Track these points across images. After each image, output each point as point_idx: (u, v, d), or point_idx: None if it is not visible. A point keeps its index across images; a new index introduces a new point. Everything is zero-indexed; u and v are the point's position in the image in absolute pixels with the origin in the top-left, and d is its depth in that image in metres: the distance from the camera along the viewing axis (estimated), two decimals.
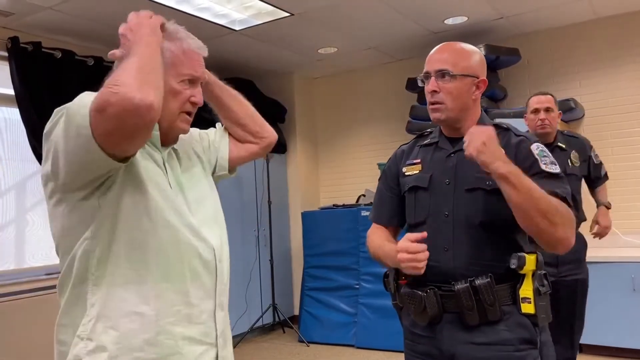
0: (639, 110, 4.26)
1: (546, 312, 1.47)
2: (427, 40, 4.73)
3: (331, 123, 5.77)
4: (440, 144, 1.61)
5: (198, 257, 1.21)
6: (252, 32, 4.28)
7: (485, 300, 1.44)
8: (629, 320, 3.75)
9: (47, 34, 4.02)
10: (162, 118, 1.20)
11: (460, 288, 1.46)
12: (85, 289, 1.13)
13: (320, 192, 5.85)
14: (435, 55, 1.58)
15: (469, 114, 1.57)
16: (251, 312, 4.96)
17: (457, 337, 1.49)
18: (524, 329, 1.47)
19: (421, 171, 1.60)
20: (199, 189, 1.32)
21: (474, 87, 1.55)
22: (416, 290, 1.53)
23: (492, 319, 1.45)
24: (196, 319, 1.19)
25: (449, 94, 1.52)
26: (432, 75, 1.54)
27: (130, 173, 1.14)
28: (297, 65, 5.33)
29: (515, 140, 1.53)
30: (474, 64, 1.55)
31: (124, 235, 1.13)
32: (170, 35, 1.21)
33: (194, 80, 1.24)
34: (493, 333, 1.46)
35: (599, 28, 4.41)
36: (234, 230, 4.88)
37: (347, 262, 4.73)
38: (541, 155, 1.49)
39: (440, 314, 1.50)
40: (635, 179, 4.25)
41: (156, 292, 1.13)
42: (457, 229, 1.51)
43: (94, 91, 1.06)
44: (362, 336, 4.53)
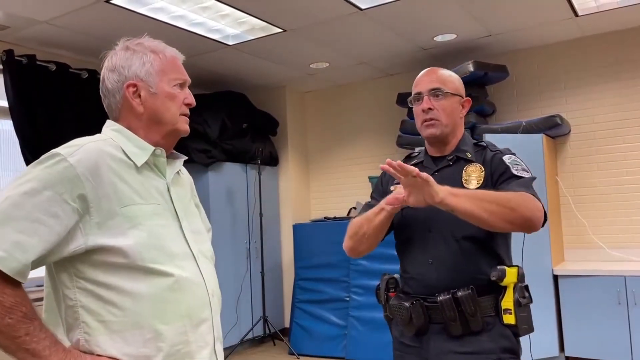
0: (624, 126, 4.35)
1: (527, 322, 1.54)
2: (417, 56, 4.81)
3: (322, 136, 5.82)
4: (425, 164, 1.73)
5: (194, 293, 1.20)
6: (246, 47, 4.34)
7: (467, 311, 1.51)
8: (614, 333, 3.80)
9: (42, 47, 4.05)
10: (166, 122, 1.25)
11: (442, 300, 1.53)
12: (77, 336, 1.12)
13: (312, 205, 5.89)
14: (425, 77, 1.72)
15: (457, 132, 1.71)
16: (242, 325, 4.97)
17: (442, 347, 1.56)
18: (505, 339, 1.54)
19: None
20: (196, 221, 1.33)
21: (461, 106, 1.72)
22: (403, 302, 1.61)
23: (475, 329, 1.53)
24: (197, 354, 1.19)
25: (443, 110, 1.66)
26: (425, 95, 1.68)
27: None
28: (289, 79, 5.40)
29: (490, 154, 1.65)
30: (459, 86, 1.72)
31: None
32: (153, 49, 1.27)
33: (183, 84, 1.30)
34: (476, 343, 1.53)
35: (585, 46, 4.52)
36: (225, 242, 4.90)
37: (337, 275, 4.76)
38: (513, 164, 1.60)
39: (427, 325, 1.58)
40: (620, 194, 4.33)
41: (153, 335, 1.12)
42: (440, 244, 1.60)
43: (89, 105, 1.09)
44: (353, 348, 4.54)
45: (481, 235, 1.56)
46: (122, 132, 1.23)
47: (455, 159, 1.68)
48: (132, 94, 1.23)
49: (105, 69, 1.27)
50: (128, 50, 1.26)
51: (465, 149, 1.69)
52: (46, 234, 1.05)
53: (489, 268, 1.56)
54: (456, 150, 1.70)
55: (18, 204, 1.04)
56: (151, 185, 1.21)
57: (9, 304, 1.01)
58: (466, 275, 1.56)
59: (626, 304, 3.77)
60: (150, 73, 1.24)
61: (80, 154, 1.11)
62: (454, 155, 1.69)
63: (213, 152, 4.83)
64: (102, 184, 1.12)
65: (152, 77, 1.24)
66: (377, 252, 4.96)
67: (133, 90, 1.23)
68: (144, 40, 1.28)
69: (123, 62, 1.24)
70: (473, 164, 1.64)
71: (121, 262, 1.10)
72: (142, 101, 1.23)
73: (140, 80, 1.23)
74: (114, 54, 1.27)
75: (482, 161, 1.63)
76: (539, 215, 1.48)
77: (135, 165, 1.19)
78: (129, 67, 1.24)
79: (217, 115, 4.88)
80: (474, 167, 1.63)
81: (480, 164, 1.62)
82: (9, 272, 1.01)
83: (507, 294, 1.53)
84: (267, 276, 5.24)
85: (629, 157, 4.32)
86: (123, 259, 1.10)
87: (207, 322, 1.22)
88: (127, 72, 1.24)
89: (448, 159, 1.69)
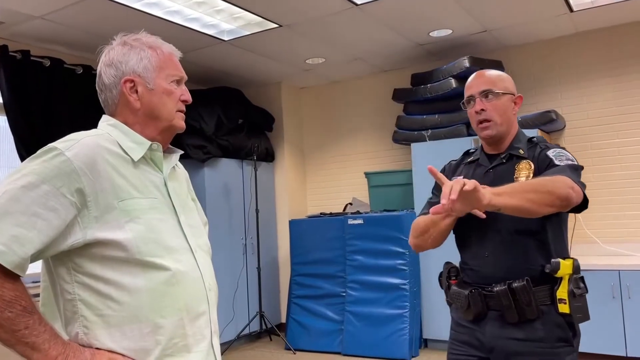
0: (618, 122, 4.37)
1: (582, 311, 1.61)
2: (413, 52, 4.82)
3: (318, 132, 5.83)
4: (480, 161, 1.81)
5: (192, 287, 1.21)
6: (241, 42, 4.33)
7: (522, 301, 1.60)
8: (609, 327, 3.83)
9: (37, 43, 4.04)
10: (163, 118, 1.26)
11: (499, 290, 1.63)
12: (75, 330, 1.12)
13: (308, 201, 5.90)
14: (474, 81, 1.77)
15: (511, 130, 1.77)
16: (238, 320, 4.98)
17: (498, 332, 1.65)
18: (559, 328, 1.62)
19: None
20: (193, 215, 1.33)
21: (513, 104, 1.77)
22: (462, 290, 1.71)
23: (530, 317, 1.61)
24: (195, 348, 1.20)
25: (495, 110, 1.72)
26: (477, 97, 1.74)
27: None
28: (285, 75, 5.39)
29: (539, 150, 1.72)
30: (509, 84, 1.77)
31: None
32: (150, 44, 1.27)
33: (180, 81, 1.30)
34: (531, 330, 1.62)
35: (580, 42, 4.53)
36: (222, 238, 4.90)
37: (334, 270, 4.77)
38: (557, 156, 1.66)
39: (485, 311, 1.67)
40: (615, 189, 4.35)
41: (152, 328, 1.13)
42: (495, 238, 1.68)
43: (84, 101, 1.09)
44: (349, 343, 4.56)
45: (534, 228, 1.64)
46: (118, 127, 1.23)
47: (508, 156, 1.75)
48: (129, 90, 1.23)
49: (102, 63, 1.26)
50: (125, 45, 1.26)
51: (519, 146, 1.75)
52: (44, 227, 1.05)
53: (543, 260, 1.63)
54: (509, 148, 1.76)
55: (16, 198, 1.04)
56: (148, 179, 1.21)
57: (8, 298, 1.01)
58: (520, 267, 1.64)
59: (620, 297, 3.80)
60: (147, 69, 1.24)
61: (77, 148, 1.11)
62: (507, 153, 1.75)
63: (209, 148, 4.83)
64: (100, 178, 1.12)
65: (149, 73, 1.24)
66: (373, 248, 4.99)
67: (130, 85, 1.23)
68: (142, 35, 1.29)
69: (120, 57, 1.24)
70: (524, 161, 1.71)
71: (119, 255, 1.11)
72: (139, 97, 1.24)
73: (137, 75, 1.23)
74: (111, 48, 1.27)
75: (532, 157, 1.70)
76: (571, 192, 1.50)
77: (132, 159, 1.20)
78: (127, 63, 1.24)
79: (213, 111, 4.88)
80: (525, 163, 1.70)
81: (531, 160, 1.70)
82: (8, 266, 1.01)
83: (562, 285, 1.61)
84: (263, 272, 5.25)
85: (622, 152, 4.35)
86: (121, 252, 1.11)
87: (204, 315, 1.23)
88: (125, 67, 1.24)
89: (502, 157, 1.75)
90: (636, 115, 4.31)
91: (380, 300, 4.49)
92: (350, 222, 4.69)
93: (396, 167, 5.23)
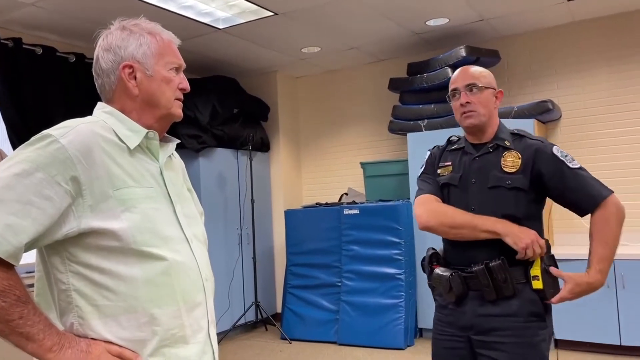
0: (614, 112, 4.37)
1: (553, 287, 1.75)
2: (409, 41, 4.78)
3: (314, 122, 5.80)
4: (466, 149, 1.92)
5: (189, 277, 1.19)
6: (236, 30, 4.29)
7: (499, 279, 1.73)
8: (603, 316, 3.85)
9: (28, 31, 3.98)
10: (161, 105, 1.23)
11: (477, 269, 1.75)
12: (70, 320, 1.11)
13: (303, 191, 5.88)
14: (460, 75, 1.91)
15: (492, 122, 1.89)
16: (234, 310, 4.98)
17: (478, 310, 1.78)
18: (533, 304, 1.75)
19: (452, 172, 1.90)
20: (189, 205, 1.32)
21: (494, 98, 1.90)
22: (443, 273, 1.82)
23: (507, 294, 1.74)
24: (192, 338, 1.19)
25: (479, 102, 1.84)
26: (462, 90, 1.87)
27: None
28: (280, 64, 5.35)
29: (532, 145, 1.82)
30: (491, 80, 1.91)
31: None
32: (150, 30, 1.25)
33: (179, 68, 1.28)
34: (507, 307, 1.75)
35: (577, 31, 4.51)
36: (217, 228, 4.89)
37: (329, 260, 4.77)
38: (563, 156, 1.79)
39: (466, 292, 1.79)
40: (611, 179, 4.33)
41: (148, 319, 1.12)
42: None
43: (77, 89, 1.06)
44: (344, 333, 4.57)
45: (520, 214, 1.77)
46: (114, 115, 1.21)
47: (495, 146, 1.86)
48: (128, 76, 1.21)
49: (100, 48, 1.23)
50: (125, 30, 1.23)
51: (504, 137, 1.86)
52: (39, 216, 1.03)
53: None
54: (495, 139, 1.87)
55: (9, 186, 1.02)
56: (144, 168, 1.19)
57: (2, 287, 0.99)
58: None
59: (615, 287, 3.82)
60: (147, 55, 1.22)
61: (72, 135, 1.09)
62: (494, 142, 1.86)
63: (204, 138, 4.80)
64: (95, 166, 1.09)
65: (148, 59, 1.22)
66: (369, 238, 4.99)
67: (129, 71, 1.21)
68: (141, 21, 1.26)
69: (119, 42, 1.22)
70: (511, 151, 1.82)
71: (114, 245, 1.09)
72: (137, 83, 1.21)
73: (136, 61, 1.21)
74: (109, 33, 1.24)
75: (522, 150, 1.81)
76: (622, 207, 1.78)
77: (128, 147, 1.17)
78: (126, 48, 1.21)
79: (208, 100, 4.84)
80: (512, 153, 1.82)
81: (518, 151, 1.81)
82: (2, 255, 0.99)
83: (536, 263, 1.74)
84: (258, 262, 5.24)
85: (618, 142, 4.35)
86: (116, 242, 1.09)
87: (201, 306, 1.22)
88: (124, 52, 1.21)
89: (489, 146, 1.86)
90: (633, 105, 4.31)
91: (376, 290, 4.49)
92: (346, 212, 4.69)
93: (392, 157, 5.22)
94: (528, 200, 1.78)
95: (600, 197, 1.75)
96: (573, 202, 1.79)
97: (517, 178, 1.77)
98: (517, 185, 1.76)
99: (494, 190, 1.79)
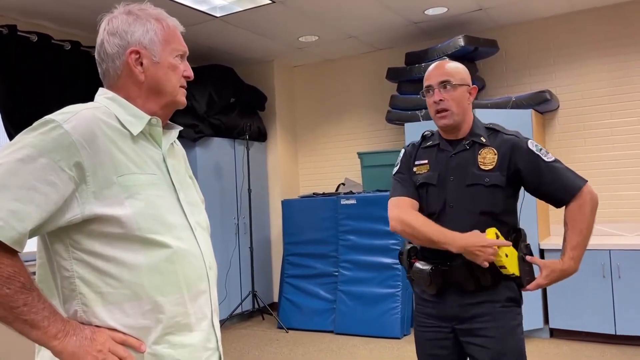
0: (612, 102, 4.37)
1: (529, 274, 1.80)
2: (407, 30, 4.76)
3: (311, 111, 5.78)
4: (442, 146, 1.91)
5: (192, 265, 1.19)
6: (233, 19, 4.25)
7: (477, 272, 1.76)
8: (599, 305, 3.88)
9: (23, 17, 3.94)
10: (167, 93, 1.22)
11: (456, 264, 1.78)
12: (74, 307, 1.10)
13: (300, 181, 5.88)
14: (434, 71, 1.90)
15: (467, 118, 1.89)
16: (231, 299, 4.99)
17: (458, 300, 1.82)
18: (509, 290, 1.81)
19: (429, 170, 1.89)
20: (192, 192, 1.31)
21: (468, 95, 1.89)
22: (423, 267, 1.83)
23: (485, 284, 1.79)
24: (196, 326, 1.18)
25: (453, 100, 1.84)
26: (436, 87, 1.86)
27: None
28: (277, 53, 5.32)
29: (505, 138, 1.84)
30: (465, 76, 1.89)
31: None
32: (156, 16, 1.24)
33: (183, 55, 1.27)
34: (485, 295, 1.80)
35: (575, 21, 4.50)
36: (214, 218, 4.88)
37: (326, 250, 4.78)
38: (538, 150, 1.82)
39: (445, 285, 1.82)
40: (608, 169, 4.37)
41: (152, 306, 1.11)
42: (459, 217, 1.81)
43: (73, 78, 1.04)
44: (341, 322, 4.59)
45: (497, 210, 1.80)
46: (116, 100, 1.19)
47: (471, 143, 1.86)
48: (135, 61, 1.19)
49: (105, 32, 1.21)
50: (130, 14, 1.21)
51: (479, 133, 1.87)
52: (43, 202, 1.01)
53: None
54: (471, 135, 1.87)
55: (13, 172, 1.00)
56: (147, 155, 1.18)
57: (6, 274, 0.98)
58: None
59: (610, 277, 3.84)
60: (153, 41, 1.20)
61: (76, 120, 1.07)
62: (470, 139, 1.86)
63: (201, 127, 4.77)
64: (99, 151, 1.08)
65: (155, 45, 1.20)
66: (366, 228, 4.99)
67: (136, 57, 1.19)
68: (147, 6, 1.24)
69: (126, 26, 1.20)
70: (487, 148, 1.84)
71: (118, 232, 1.08)
72: (144, 69, 1.19)
73: (143, 47, 1.19)
74: (114, 17, 1.22)
75: (498, 145, 1.83)
76: (595, 196, 1.83)
77: (131, 134, 1.16)
78: (132, 33, 1.19)
79: (205, 89, 4.81)
80: (488, 150, 1.83)
81: (494, 147, 1.82)
82: (6, 242, 0.98)
83: (498, 255, 1.75)
84: (255, 251, 5.25)
85: (615, 133, 4.35)
86: (120, 229, 1.08)
87: (205, 294, 1.21)
88: (130, 37, 1.19)
89: (465, 143, 1.86)
90: (630, 96, 4.30)
91: (373, 280, 4.51)
92: (343, 202, 4.69)
93: (389, 147, 5.20)
94: (505, 196, 1.81)
95: (576, 188, 1.79)
96: (549, 194, 1.83)
97: (494, 175, 1.79)
98: (495, 182, 1.78)
99: (471, 187, 1.80)
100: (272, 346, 4.40)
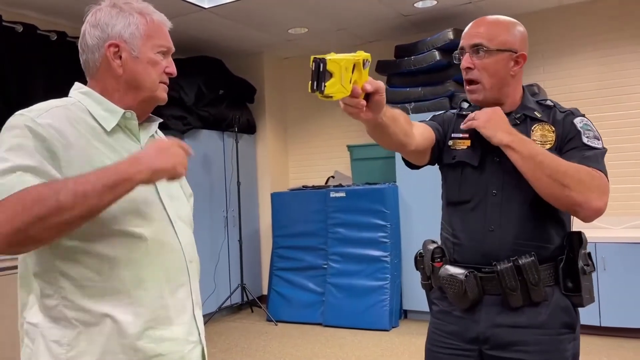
0: (600, 96, 4.40)
1: (590, 292, 1.44)
2: (397, 22, 4.75)
3: (301, 104, 5.76)
4: None
5: (172, 258, 1.19)
6: (222, 10, 4.21)
7: (530, 280, 1.38)
8: (595, 299, 3.91)
9: (8, 7, 3.87)
10: (145, 88, 1.21)
11: (503, 268, 1.40)
12: (54, 302, 1.09)
13: (290, 174, 5.87)
14: (470, 29, 1.50)
15: (509, 92, 1.49)
16: (220, 292, 4.98)
17: (495, 319, 1.43)
18: (565, 312, 1.43)
19: (470, 147, 1.51)
20: (174, 185, 1.29)
21: (513, 63, 1.47)
22: (455, 275, 1.45)
23: (536, 300, 1.40)
24: (177, 319, 1.18)
25: (484, 70, 1.45)
26: (467, 51, 1.48)
27: None
28: (266, 45, 5.29)
29: (561, 115, 1.49)
30: (511, 38, 1.47)
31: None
32: (140, 10, 1.23)
33: (167, 52, 1.26)
34: (533, 315, 1.41)
35: (563, 15, 4.51)
36: (203, 211, 4.86)
37: (315, 243, 4.78)
38: (585, 129, 1.45)
39: (481, 297, 1.44)
40: None
41: (131, 300, 1.11)
42: (505, 208, 1.45)
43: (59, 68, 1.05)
44: (330, 315, 4.61)
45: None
46: (90, 95, 1.19)
47: (522, 117, 1.49)
48: (113, 55, 1.18)
49: (88, 23, 1.21)
50: (115, 7, 1.21)
51: (532, 107, 1.51)
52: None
53: (555, 235, 1.45)
54: (522, 108, 1.51)
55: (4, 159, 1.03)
56: (124, 149, 1.18)
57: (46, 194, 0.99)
58: (529, 242, 1.43)
59: (596, 269, 3.87)
60: (134, 36, 1.19)
61: (47, 117, 1.08)
62: (521, 113, 1.50)
63: (189, 119, 4.74)
64: (71, 147, 1.08)
65: (136, 40, 1.19)
66: (355, 221, 5.00)
67: (114, 50, 1.18)
68: (133, 0, 1.23)
69: (108, 19, 1.19)
70: (542, 124, 1.47)
71: (95, 225, 1.08)
72: (122, 63, 1.19)
73: (123, 41, 1.18)
74: (99, 9, 1.21)
75: (552, 121, 1.47)
76: (595, 204, 1.37)
77: (105, 129, 1.16)
78: (114, 26, 1.19)
79: (193, 81, 4.77)
80: (543, 126, 1.47)
81: (550, 124, 1.47)
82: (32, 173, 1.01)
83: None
84: (244, 244, 5.24)
85: (604, 127, 4.36)
86: (97, 222, 1.07)
87: (184, 287, 1.21)
88: (111, 30, 1.18)
89: (515, 117, 1.48)
90: (618, 90, 4.34)
91: (361, 272, 4.52)
92: (333, 195, 4.69)
93: None
94: None
95: (594, 166, 1.42)
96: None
97: None
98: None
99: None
100: (261, 339, 4.41)
